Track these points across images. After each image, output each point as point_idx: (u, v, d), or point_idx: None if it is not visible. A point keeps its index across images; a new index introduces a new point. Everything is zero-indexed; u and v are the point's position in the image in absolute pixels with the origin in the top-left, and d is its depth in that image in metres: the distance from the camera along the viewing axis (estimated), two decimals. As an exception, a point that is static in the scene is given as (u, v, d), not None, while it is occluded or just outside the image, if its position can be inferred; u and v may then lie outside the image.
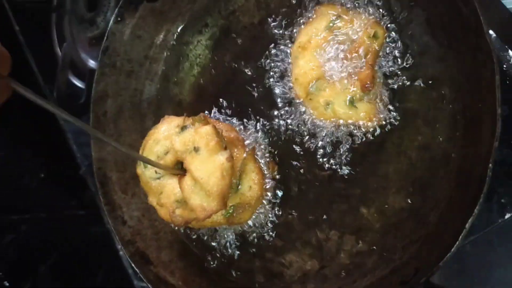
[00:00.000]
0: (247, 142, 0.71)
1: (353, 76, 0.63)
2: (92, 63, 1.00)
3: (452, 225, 0.54)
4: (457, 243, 0.50)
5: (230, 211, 0.65)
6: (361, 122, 0.66)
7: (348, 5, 0.68)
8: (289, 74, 0.71)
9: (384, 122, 0.65)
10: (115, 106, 0.78)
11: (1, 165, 0.99)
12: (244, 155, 0.66)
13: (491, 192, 0.71)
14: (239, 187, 0.65)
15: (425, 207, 0.61)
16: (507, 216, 0.70)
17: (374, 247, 0.64)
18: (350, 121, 0.66)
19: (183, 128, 0.62)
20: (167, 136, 0.63)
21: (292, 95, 0.71)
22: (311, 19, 0.69)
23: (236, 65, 0.76)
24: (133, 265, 0.69)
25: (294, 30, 0.72)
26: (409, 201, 0.63)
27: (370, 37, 0.63)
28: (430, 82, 0.64)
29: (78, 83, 1.05)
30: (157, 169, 0.63)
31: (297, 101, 0.70)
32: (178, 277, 0.72)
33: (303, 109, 0.70)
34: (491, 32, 0.75)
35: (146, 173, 0.65)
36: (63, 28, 1.06)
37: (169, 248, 0.75)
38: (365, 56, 0.62)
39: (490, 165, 0.49)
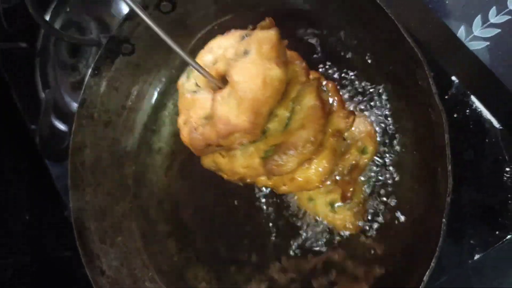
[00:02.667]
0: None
1: (337, 180, 0.61)
2: (75, 106, 1.01)
3: (413, 276, 0.56)
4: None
5: (269, 153, 0.50)
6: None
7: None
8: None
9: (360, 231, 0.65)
10: (93, 156, 0.79)
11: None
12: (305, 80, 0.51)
13: (461, 233, 0.73)
14: (288, 122, 0.50)
15: (385, 254, 0.64)
16: (477, 257, 0.72)
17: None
18: (327, 222, 0.67)
19: (243, 37, 0.50)
20: (222, 45, 0.51)
21: None
22: None
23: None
24: (109, 316, 0.70)
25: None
26: (372, 252, 0.65)
27: (359, 151, 0.62)
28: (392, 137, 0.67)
29: (62, 126, 1.07)
30: (197, 81, 0.53)
31: None
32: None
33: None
34: (454, 78, 0.78)
35: (185, 84, 0.54)
36: (47, 71, 1.10)
37: (148, 297, 0.76)
38: (351, 168, 0.61)
39: (444, 220, 0.51)
